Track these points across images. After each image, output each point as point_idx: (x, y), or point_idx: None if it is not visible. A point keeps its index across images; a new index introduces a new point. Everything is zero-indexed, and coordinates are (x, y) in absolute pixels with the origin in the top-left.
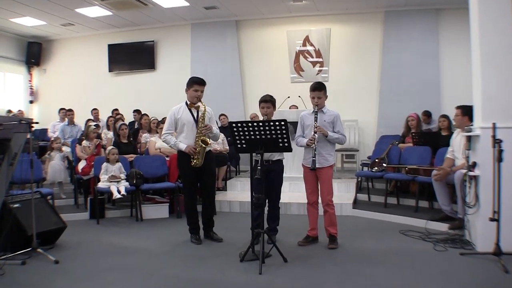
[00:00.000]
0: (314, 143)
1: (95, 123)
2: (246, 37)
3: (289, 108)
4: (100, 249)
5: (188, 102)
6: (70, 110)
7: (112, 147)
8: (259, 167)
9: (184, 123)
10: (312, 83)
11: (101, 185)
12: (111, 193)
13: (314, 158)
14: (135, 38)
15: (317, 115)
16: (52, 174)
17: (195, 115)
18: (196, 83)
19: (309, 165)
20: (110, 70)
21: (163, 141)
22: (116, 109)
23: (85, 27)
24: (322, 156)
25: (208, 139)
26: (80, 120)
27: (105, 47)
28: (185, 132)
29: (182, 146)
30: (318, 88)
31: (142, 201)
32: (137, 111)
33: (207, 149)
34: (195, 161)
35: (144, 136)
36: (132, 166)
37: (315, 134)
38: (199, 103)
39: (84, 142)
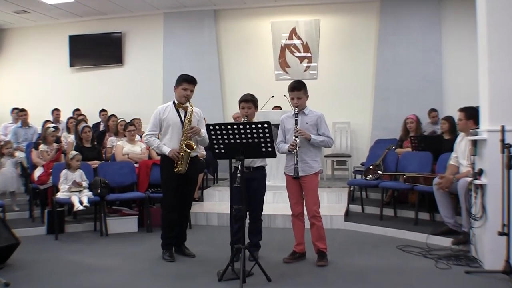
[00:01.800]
0: (295, 148)
1: (53, 125)
2: (226, 28)
3: (272, 109)
4: (59, 268)
5: (176, 102)
6: (23, 110)
7: (76, 152)
8: (239, 175)
9: (169, 124)
10: (291, 81)
11: (60, 195)
12: (72, 205)
13: (296, 166)
14: (100, 28)
15: (297, 117)
16: (3, 183)
17: (183, 116)
18: (185, 81)
19: (291, 173)
20: (71, 65)
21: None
22: (78, 109)
23: (42, 15)
24: (306, 163)
25: (193, 144)
26: (38, 121)
27: (66, 38)
28: (170, 134)
29: (166, 150)
30: (297, 88)
31: (107, 213)
32: (104, 111)
33: (193, 154)
34: (178, 167)
35: (110, 140)
36: (96, 174)
37: (296, 139)
38: (187, 104)
39: (41, 147)
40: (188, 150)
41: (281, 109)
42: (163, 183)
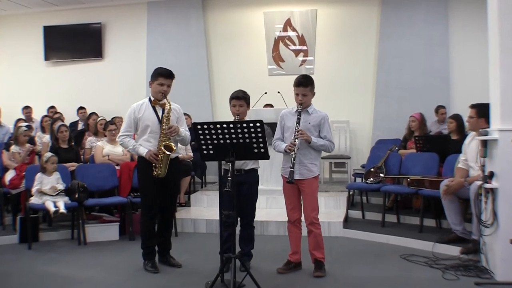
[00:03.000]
0: (294, 149)
1: (26, 124)
2: (215, 19)
3: (263, 107)
4: (33, 281)
5: (152, 98)
6: None
7: (50, 154)
8: (229, 178)
9: (147, 123)
10: (296, 76)
11: (34, 200)
12: (46, 211)
13: (292, 169)
14: (77, 19)
15: (300, 116)
16: None
17: (160, 114)
18: (161, 76)
19: (287, 175)
20: (46, 59)
21: (120, 144)
22: (53, 107)
23: (13, 3)
24: (304, 166)
25: (172, 145)
26: (10, 120)
27: (40, 29)
28: (147, 134)
29: (142, 151)
30: (304, 84)
31: (85, 220)
32: (82, 109)
33: (172, 156)
34: (157, 170)
35: (89, 140)
36: (73, 177)
37: (296, 140)
38: (164, 100)
39: (13, 148)
40: (167, 152)
41: (272, 107)
42: (140, 187)
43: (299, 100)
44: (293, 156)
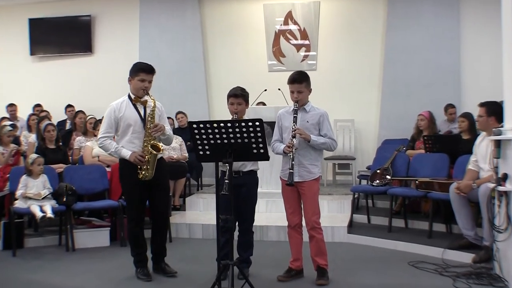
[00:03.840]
0: (292, 150)
1: (11, 122)
2: (212, 12)
3: (256, 105)
4: None
5: (132, 96)
6: None
7: (36, 155)
8: (226, 180)
9: (128, 123)
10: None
11: (19, 204)
12: (32, 215)
13: (291, 170)
14: (65, 11)
15: (296, 114)
16: None
17: (142, 112)
18: (142, 71)
19: (286, 177)
20: (32, 53)
21: (100, 147)
22: (39, 105)
23: None
24: (304, 167)
25: (160, 144)
26: None
27: (25, 22)
28: (130, 134)
29: (126, 153)
30: (298, 80)
31: (74, 225)
32: (71, 107)
33: (159, 156)
34: (143, 172)
35: (78, 140)
36: (61, 180)
37: (293, 139)
38: (146, 97)
39: None
40: (155, 152)
41: (265, 105)
42: (125, 192)
43: (294, 98)
44: (291, 157)
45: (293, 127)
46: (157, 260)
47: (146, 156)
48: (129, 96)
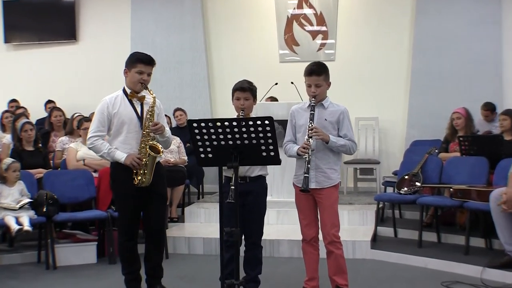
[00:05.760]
0: (308, 152)
1: None
2: None
3: (265, 100)
4: None
5: (128, 90)
6: None
7: (11, 159)
8: (232, 187)
9: (123, 121)
10: (308, 63)
11: None
12: (6, 228)
13: (307, 175)
14: None
15: (313, 111)
16: None
17: (139, 109)
18: (141, 62)
19: (301, 184)
20: (6, 41)
21: (90, 148)
22: (15, 100)
23: None
24: (322, 172)
25: (159, 146)
26: None
27: None
28: (124, 134)
29: (120, 156)
30: (317, 72)
31: (56, 239)
32: (51, 103)
33: (158, 159)
34: (140, 178)
35: (61, 141)
36: (41, 187)
37: (310, 140)
38: (144, 92)
39: None
40: (154, 154)
41: (277, 100)
42: (117, 201)
43: (312, 93)
44: (307, 159)
45: (310, 125)
46: (151, 281)
47: (144, 159)
48: (124, 91)
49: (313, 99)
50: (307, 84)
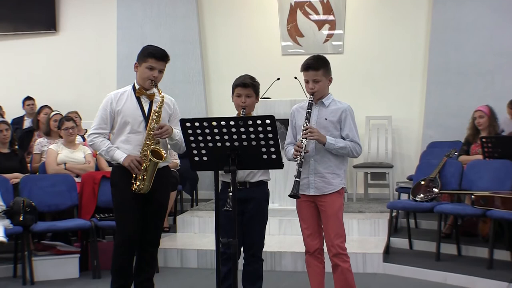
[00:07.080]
0: (300, 154)
1: None
2: None
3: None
4: None
5: (137, 87)
6: None
7: None
8: (230, 194)
9: (127, 119)
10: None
11: None
12: None
13: (297, 179)
14: None
15: (310, 109)
16: None
17: (147, 108)
18: (152, 56)
19: (304, 190)
20: None
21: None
22: None
23: None
24: (322, 177)
25: (162, 151)
26: None
27: None
28: (126, 134)
29: (119, 156)
30: (314, 66)
31: (34, 251)
32: (30, 100)
33: (161, 165)
34: (138, 183)
35: (39, 143)
36: (17, 194)
37: (303, 140)
38: (154, 89)
39: None
40: (155, 160)
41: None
42: (116, 207)
43: (310, 89)
44: (298, 162)
45: (305, 125)
46: None
47: (144, 164)
48: (134, 87)
49: (311, 96)
50: (305, 80)
